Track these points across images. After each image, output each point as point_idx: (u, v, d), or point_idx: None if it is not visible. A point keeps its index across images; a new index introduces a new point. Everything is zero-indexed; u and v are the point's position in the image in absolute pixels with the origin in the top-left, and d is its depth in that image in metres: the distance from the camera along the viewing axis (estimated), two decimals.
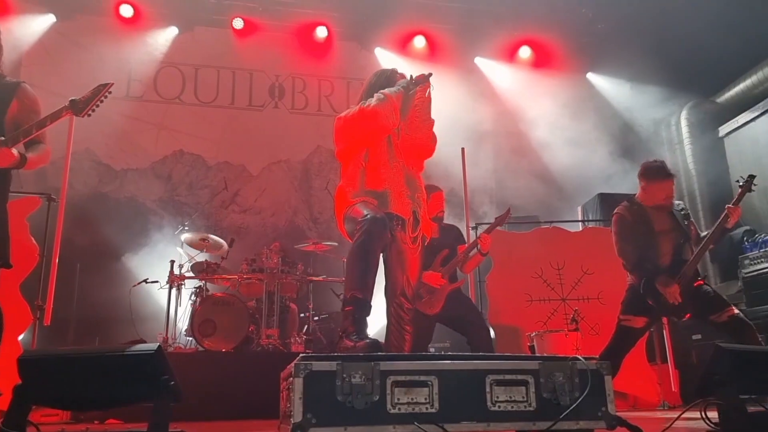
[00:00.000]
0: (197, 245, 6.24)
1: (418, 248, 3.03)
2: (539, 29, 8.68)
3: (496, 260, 5.72)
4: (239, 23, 8.48)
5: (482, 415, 1.89)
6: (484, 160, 8.31)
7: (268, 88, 8.79)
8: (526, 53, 9.08)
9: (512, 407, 1.92)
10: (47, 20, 8.04)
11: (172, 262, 5.99)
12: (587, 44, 8.65)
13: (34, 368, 2.03)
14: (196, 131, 8.41)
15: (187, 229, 6.72)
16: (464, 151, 5.93)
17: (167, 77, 8.46)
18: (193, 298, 5.95)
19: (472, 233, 5.79)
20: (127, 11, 8.09)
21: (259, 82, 8.78)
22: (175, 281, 5.90)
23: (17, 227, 3.96)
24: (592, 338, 5.03)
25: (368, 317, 2.65)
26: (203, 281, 5.95)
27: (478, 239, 4.42)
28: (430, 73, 3.08)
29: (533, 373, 1.97)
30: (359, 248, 2.65)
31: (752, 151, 7.80)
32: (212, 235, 6.37)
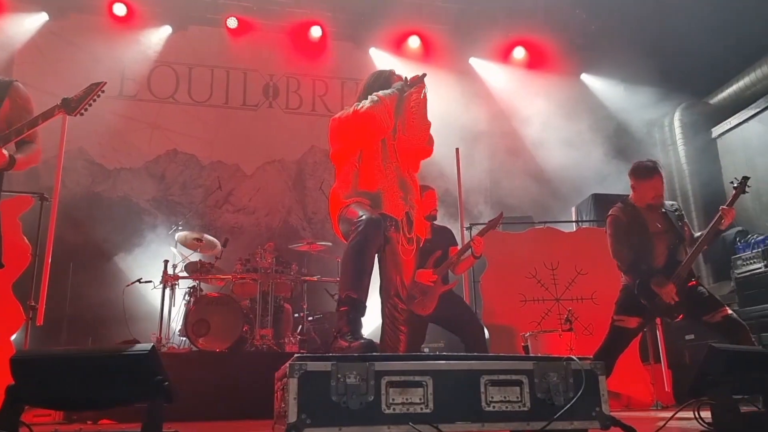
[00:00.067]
0: (191, 245, 6.23)
1: (413, 249, 3.04)
2: (533, 30, 8.70)
3: (490, 260, 5.72)
4: (233, 22, 8.46)
5: (477, 415, 1.89)
6: (478, 160, 8.32)
7: (262, 87, 8.77)
8: (520, 54, 9.10)
9: (507, 407, 1.92)
10: (40, 19, 7.99)
11: (165, 261, 5.98)
12: (581, 45, 8.67)
13: (26, 368, 2.02)
14: (189, 131, 8.38)
15: (180, 228, 6.70)
16: (458, 151, 5.94)
17: (161, 76, 8.43)
18: (186, 298, 5.94)
19: (466, 234, 5.80)
20: (120, 10, 8.06)
21: (253, 81, 8.76)
22: (168, 281, 5.88)
23: (9, 227, 3.94)
24: (585, 338, 5.04)
25: (363, 318, 2.65)
26: (197, 281, 5.94)
27: (471, 242, 4.44)
28: (424, 74, 3.08)
29: (528, 373, 1.97)
30: (354, 249, 2.65)
31: (745, 152, 7.85)
32: (206, 234, 6.35)
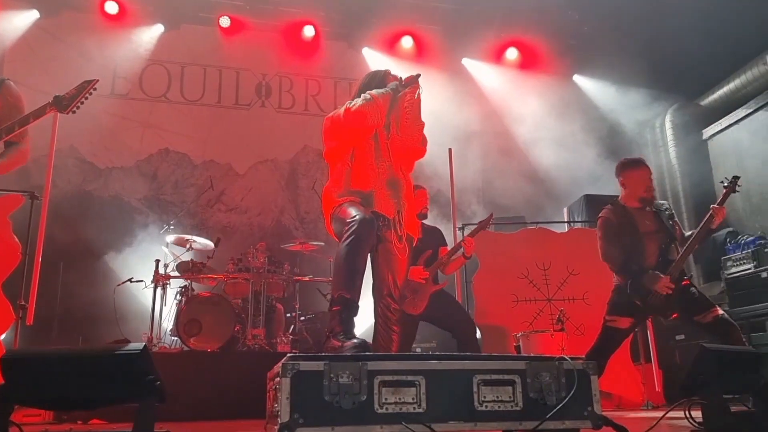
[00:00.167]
0: (182, 243, 6.20)
1: (405, 248, 3.04)
2: (526, 31, 8.72)
3: (482, 261, 5.73)
4: (226, 21, 8.43)
5: (469, 414, 1.89)
6: (471, 160, 8.34)
7: (254, 86, 8.75)
8: (513, 55, 9.12)
9: (499, 407, 1.92)
10: (31, 16, 7.93)
11: (157, 261, 5.95)
12: (573, 46, 8.70)
13: (16, 368, 2.00)
14: (182, 129, 8.34)
15: (172, 228, 6.67)
16: (451, 151, 5.95)
17: (153, 75, 8.39)
18: (178, 297, 5.92)
19: (459, 234, 5.81)
20: (112, 8, 8.01)
21: (245, 80, 8.74)
22: (160, 280, 5.86)
23: None
24: (577, 338, 5.06)
25: (356, 317, 2.65)
26: (189, 281, 5.92)
27: (462, 242, 4.46)
28: (418, 74, 3.09)
29: (520, 373, 1.97)
30: (347, 249, 2.65)
31: (735, 153, 7.90)
32: (198, 235, 6.33)
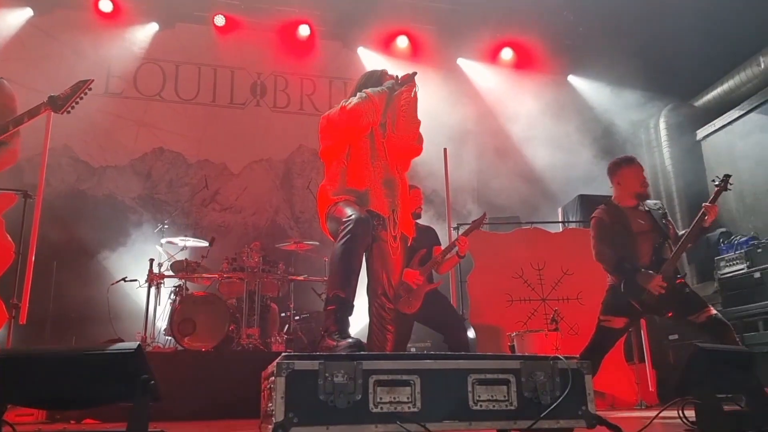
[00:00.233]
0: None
1: (399, 248, 3.04)
2: (521, 31, 8.73)
3: (477, 260, 5.74)
4: (221, 20, 8.41)
5: (464, 414, 1.89)
6: (466, 160, 8.34)
7: (249, 86, 8.73)
8: (508, 55, 9.13)
9: (494, 406, 1.93)
10: (24, 14, 7.89)
11: (151, 260, 5.93)
12: (568, 47, 8.72)
13: (9, 367, 1.99)
14: (176, 129, 8.32)
15: (166, 227, 6.65)
16: (446, 151, 5.96)
17: (147, 74, 8.36)
18: (172, 296, 5.90)
19: (453, 234, 5.81)
20: (106, 6, 7.98)
21: (240, 79, 8.72)
22: (154, 280, 5.84)
23: None
24: (571, 338, 5.06)
25: (350, 317, 2.65)
26: (183, 280, 5.90)
27: (456, 241, 4.48)
28: (414, 72, 3.09)
29: (515, 372, 1.98)
30: (343, 248, 2.65)
31: (729, 154, 7.94)
32: (192, 235, 6.32)
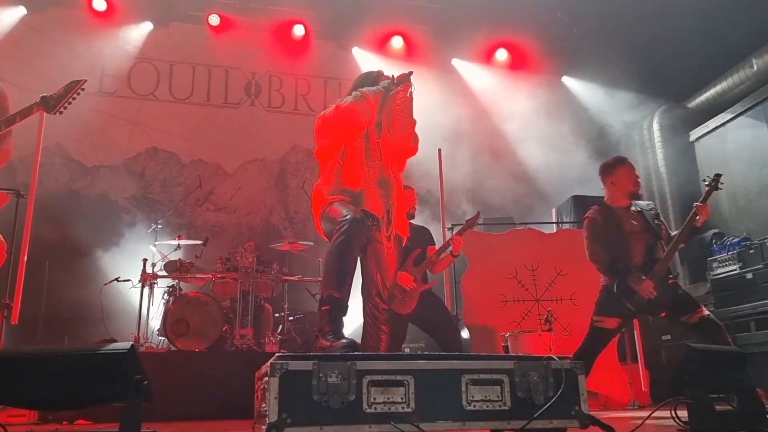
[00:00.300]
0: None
1: (393, 248, 3.04)
2: (516, 32, 8.75)
3: (471, 261, 5.75)
4: (215, 20, 8.40)
5: (458, 414, 1.89)
6: (461, 160, 8.36)
7: (244, 85, 8.71)
8: (502, 56, 9.15)
9: (487, 406, 1.93)
10: (17, 12, 7.85)
11: (144, 260, 5.91)
12: (563, 48, 8.74)
13: (1, 368, 1.98)
14: (170, 128, 8.29)
15: (160, 227, 6.63)
16: (441, 152, 5.97)
17: (141, 73, 8.33)
18: (166, 297, 5.89)
19: (448, 234, 5.82)
20: (100, 5, 7.95)
21: (235, 79, 8.70)
22: (147, 280, 5.82)
23: None
24: (565, 338, 5.08)
25: (345, 317, 2.65)
26: (176, 280, 5.89)
27: (450, 241, 4.50)
28: (410, 72, 3.09)
29: (508, 372, 1.98)
30: (338, 248, 2.65)
31: (721, 155, 7.97)
32: (186, 235, 6.30)
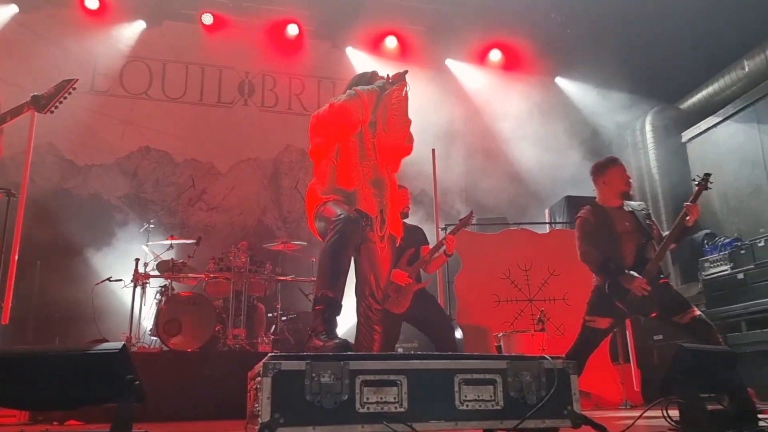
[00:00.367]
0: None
1: (387, 247, 3.04)
2: (509, 33, 8.77)
3: (464, 261, 5.75)
4: (209, 19, 8.37)
5: (451, 414, 1.89)
6: (455, 161, 8.36)
7: (237, 85, 8.69)
8: (496, 56, 9.18)
9: (480, 406, 1.93)
10: (9, 11, 7.80)
11: (136, 260, 5.88)
12: (556, 49, 8.77)
13: None
14: (163, 127, 8.25)
15: (152, 226, 6.60)
16: (435, 152, 5.97)
17: (134, 72, 8.29)
18: (158, 297, 5.86)
19: (441, 234, 5.83)
20: (92, 3, 7.91)
21: (228, 78, 8.68)
22: (139, 280, 5.79)
23: None
24: (557, 338, 5.10)
25: (338, 317, 2.64)
26: (169, 280, 5.86)
27: (443, 240, 4.51)
28: (405, 71, 3.10)
29: (501, 372, 1.98)
30: (332, 247, 2.64)
31: (713, 156, 8.02)
32: (179, 234, 6.27)
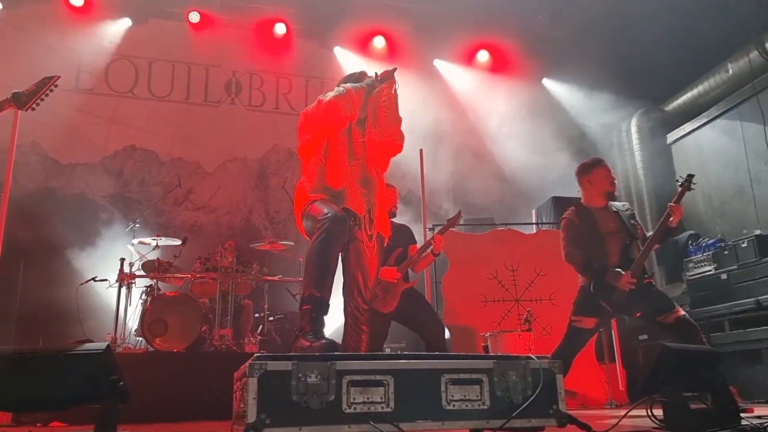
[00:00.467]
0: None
1: (375, 246, 3.04)
2: (497, 34, 8.80)
3: (452, 261, 5.77)
4: (195, 17, 8.31)
5: (437, 413, 1.90)
6: (442, 161, 8.38)
7: (224, 83, 8.64)
8: (484, 57, 9.21)
9: (467, 406, 1.94)
10: None
11: (122, 260, 5.83)
12: (543, 50, 8.81)
13: None
14: (149, 126, 8.18)
15: (138, 226, 6.55)
16: (422, 152, 5.98)
17: (119, 70, 8.21)
18: (143, 297, 5.81)
19: (429, 234, 5.83)
20: (77, 0, 7.82)
21: (215, 77, 8.62)
22: (125, 279, 5.74)
23: None
24: (544, 338, 5.12)
25: (326, 317, 2.64)
26: (154, 280, 5.82)
27: (431, 240, 4.54)
28: (394, 68, 3.09)
29: (487, 372, 1.99)
30: (319, 247, 2.64)
31: (698, 157, 8.11)
32: (165, 234, 6.23)
